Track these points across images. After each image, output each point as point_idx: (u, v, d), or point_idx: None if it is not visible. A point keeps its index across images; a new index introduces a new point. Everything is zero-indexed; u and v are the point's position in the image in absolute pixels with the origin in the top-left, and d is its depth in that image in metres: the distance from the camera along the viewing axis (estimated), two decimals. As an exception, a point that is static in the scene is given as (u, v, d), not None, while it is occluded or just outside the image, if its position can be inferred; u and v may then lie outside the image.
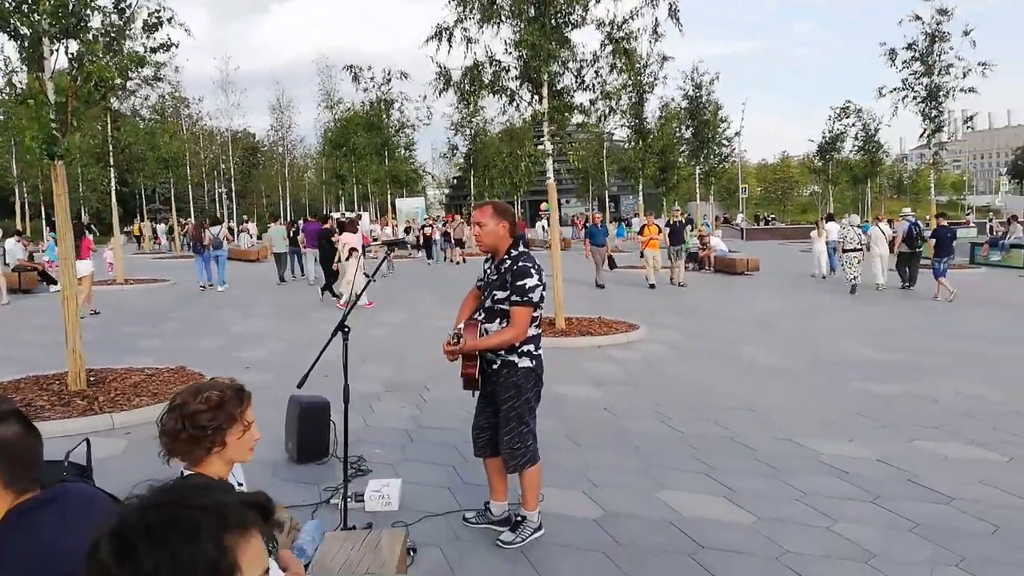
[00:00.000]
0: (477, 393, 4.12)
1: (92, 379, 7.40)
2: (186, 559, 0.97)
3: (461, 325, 3.86)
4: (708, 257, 22.85)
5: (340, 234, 15.28)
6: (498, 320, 3.93)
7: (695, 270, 22.48)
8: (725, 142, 32.21)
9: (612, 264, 18.79)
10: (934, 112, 21.10)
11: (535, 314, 3.94)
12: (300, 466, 5.32)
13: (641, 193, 27.33)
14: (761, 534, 4.18)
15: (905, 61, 20.94)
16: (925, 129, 21.54)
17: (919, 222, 17.16)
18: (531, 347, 3.98)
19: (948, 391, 7.49)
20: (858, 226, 17.59)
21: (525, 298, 3.84)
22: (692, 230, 23.22)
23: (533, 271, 3.87)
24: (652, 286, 17.40)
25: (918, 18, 20.39)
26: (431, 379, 8.02)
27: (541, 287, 3.89)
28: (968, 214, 63.58)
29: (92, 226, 31.59)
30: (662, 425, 6.40)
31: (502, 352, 3.93)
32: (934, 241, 15.47)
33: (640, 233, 18.92)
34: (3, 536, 1.55)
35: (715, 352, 9.81)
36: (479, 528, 4.26)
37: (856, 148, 33.81)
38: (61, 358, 8.55)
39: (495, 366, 3.96)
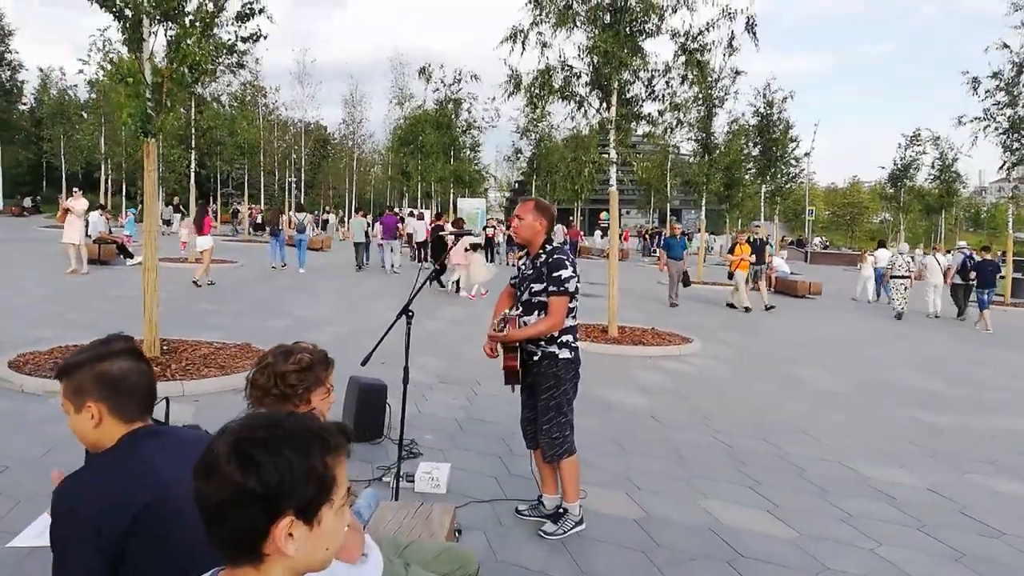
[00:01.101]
0: (518, 388, 4.25)
1: (165, 348, 7.80)
2: (301, 471, 1.14)
3: (507, 311, 4.01)
4: (769, 277, 22.50)
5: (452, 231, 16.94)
6: (536, 312, 4.06)
7: (754, 289, 22.18)
8: (793, 162, 31.61)
9: (687, 281, 17.28)
10: (1016, 144, 20.33)
11: (571, 305, 4.06)
12: (355, 444, 5.53)
13: (704, 208, 27.01)
14: (802, 549, 4.20)
15: (988, 90, 20.24)
16: (1005, 161, 20.78)
17: (974, 255, 17.17)
18: (569, 338, 4.11)
19: (1002, 426, 7.29)
20: (908, 255, 18.01)
21: (561, 288, 3.97)
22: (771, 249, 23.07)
23: (568, 263, 4.02)
24: (747, 309, 16.16)
25: (1006, 46, 19.70)
26: (483, 374, 8.19)
27: (576, 279, 4.03)
28: (1048, 252, 60.81)
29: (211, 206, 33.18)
30: (709, 437, 6.41)
31: (543, 343, 4.06)
32: (974, 273, 16.03)
33: (731, 252, 17.42)
34: (114, 456, 1.76)
35: (768, 371, 9.72)
36: (530, 520, 4.37)
37: (931, 177, 32.79)
38: (134, 328, 9.03)
39: (536, 357, 4.09)
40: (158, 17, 6.75)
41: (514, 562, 3.86)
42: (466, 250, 15.60)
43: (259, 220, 37.81)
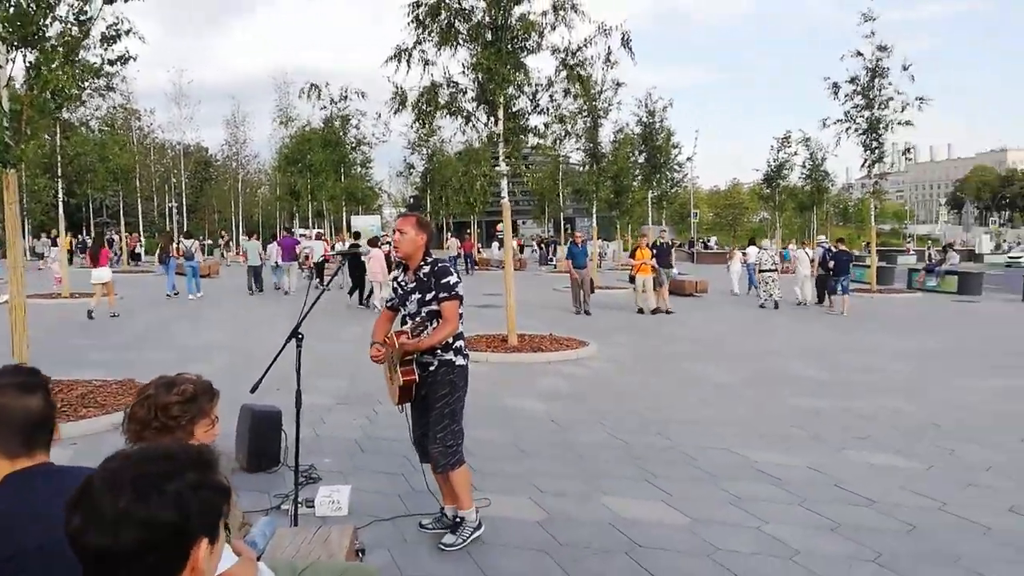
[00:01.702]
0: (408, 406, 4.27)
1: (38, 390, 7.30)
2: (208, 494, 1.15)
3: (408, 323, 4.05)
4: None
5: (370, 251, 16.89)
6: (428, 324, 4.09)
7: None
8: (677, 167, 33.04)
9: (592, 288, 17.34)
10: (874, 144, 22.05)
11: (461, 310, 4.16)
12: (251, 475, 5.38)
13: (595, 216, 27.78)
14: (695, 534, 4.41)
15: (847, 95, 21.88)
16: (866, 160, 22.49)
17: (831, 247, 18.93)
18: (461, 343, 4.23)
19: (875, 405, 7.90)
20: (774, 251, 20.05)
21: (452, 292, 4.08)
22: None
23: (452, 270, 4.18)
24: (653, 311, 16.55)
25: (860, 54, 21.38)
26: (383, 392, 8.08)
27: (460, 283, 4.17)
28: (909, 242, 66.11)
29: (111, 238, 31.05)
30: (607, 436, 6.62)
31: (439, 351, 4.11)
32: (832, 263, 17.78)
33: (632, 256, 17.57)
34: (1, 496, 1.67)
35: (660, 369, 10.13)
36: (434, 533, 4.38)
37: (803, 176, 35.01)
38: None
39: (432, 367, 4.13)
40: (15, 43, 6.36)
41: (421, 575, 3.87)
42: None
43: (136, 250, 36.01)
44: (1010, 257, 49.62)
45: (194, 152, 50.12)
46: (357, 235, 22.10)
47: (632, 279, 17.48)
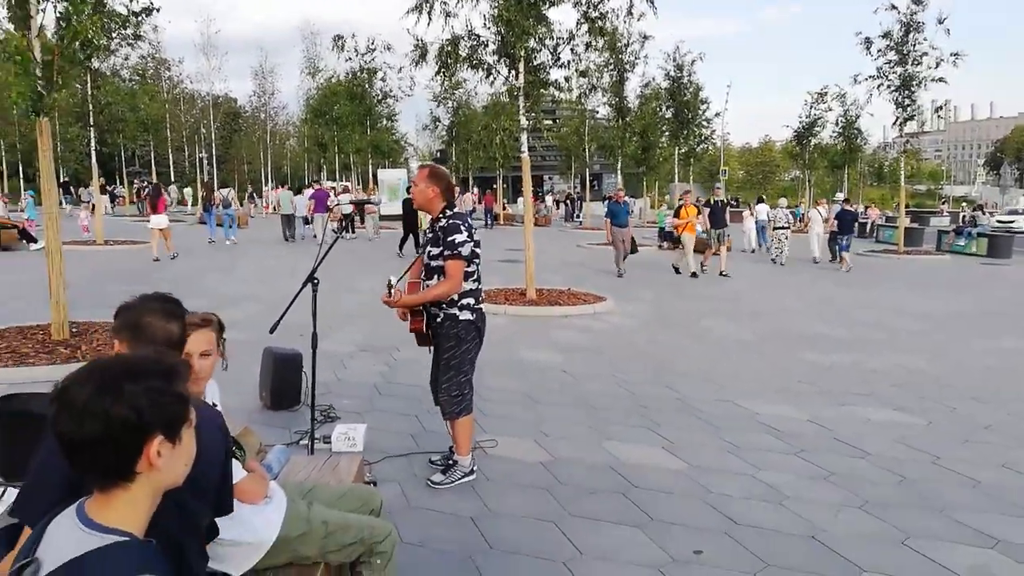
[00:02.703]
0: (433, 349, 4.49)
1: (75, 330, 7.68)
2: (167, 396, 1.38)
3: (392, 277, 4.20)
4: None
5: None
6: (435, 276, 4.26)
7: (670, 248, 23.10)
8: (705, 123, 32.60)
9: (634, 248, 16.30)
10: (907, 101, 21.56)
11: (468, 269, 4.24)
12: (274, 412, 5.69)
13: (621, 172, 27.67)
14: (691, 478, 4.62)
15: (880, 50, 21.33)
16: (898, 118, 22.02)
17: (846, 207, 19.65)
18: (470, 300, 4.30)
19: (883, 362, 7.99)
20: (787, 208, 20.32)
21: (455, 251, 4.15)
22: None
23: (463, 228, 4.18)
24: (693, 275, 15.69)
25: (894, 7, 20.77)
26: (403, 341, 8.33)
27: (471, 243, 4.20)
28: (943, 203, 64.63)
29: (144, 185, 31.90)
30: (616, 387, 6.82)
31: (444, 305, 4.27)
32: (836, 222, 18.57)
33: (676, 215, 16.50)
34: None
35: (675, 324, 10.26)
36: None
37: (835, 134, 34.31)
38: (40, 313, 8.83)
39: (439, 319, 4.32)
40: (44, -10, 6.55)
41: (427, 507, 4.14)
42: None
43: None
44: (998, 221, 41.94)
45: (223, 103, 50.35)
46: (409, 188, 22.85)
47: (677, 239, 16.91)
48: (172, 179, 40.76)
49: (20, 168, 40.77)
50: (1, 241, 17.67)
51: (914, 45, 20.91)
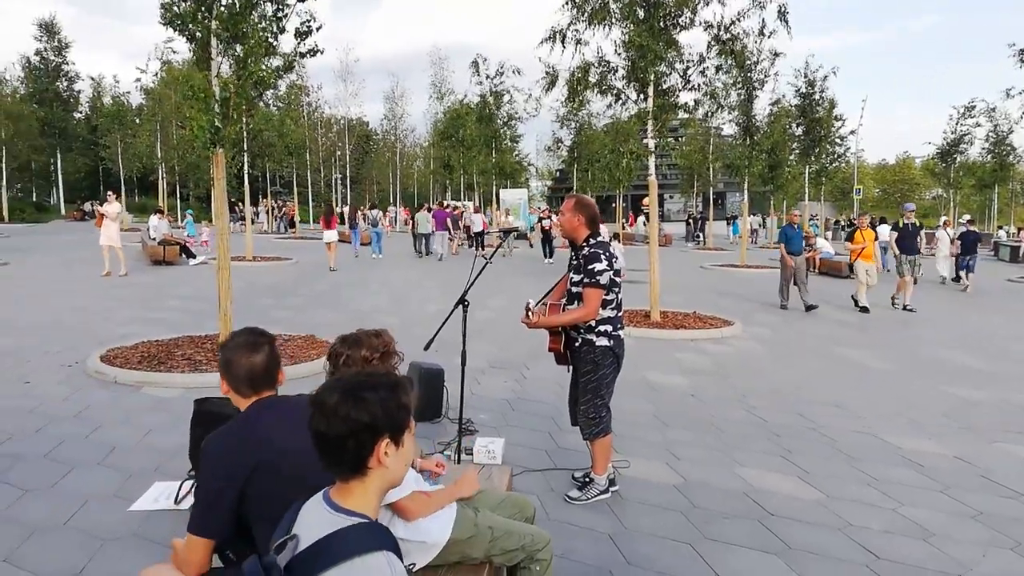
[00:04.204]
0: (571, 368, 4.71)
1: (237, 340, 8.46)
2: (394, 405, 1.67)
3: (531, 300, 4.44)
4: (814, 259, 22.54)
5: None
6: (575, 302, 4.46)
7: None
8: (839, 140, 31.26)
9: (809, 268, 14.61)
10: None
11: (607, 297, 4.39)
12: (417, 424, 6.08)
13: (747, 191, 26.95)
14: (828, 508, 4.59)
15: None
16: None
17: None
18: (608, 327, 4.45)
19: (1045, 401, 7.49)
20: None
21: (594, 279, 4.32)
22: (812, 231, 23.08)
23: (603, 257, 4.33)
24: (863, 309, 13.65)
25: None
26: (531, 359, 8.69)
27: (610, 272, 4.35)
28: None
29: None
30: (746, 413, 6.79)
31: (581, 330, 4.47)
32: (959, 242, 18.55)
33: (850, 239, 14.51)
34: (239, 419, 2.34)
35: (809, 350, 10.00)
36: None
37: (985, 151, 32.04)
38: (203, 322, 9.77)
39: (577, 344, 4.52)
40: (228, 39, 7.36)
41: (565, 520, 4.35)
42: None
43: (294, 219, 39.48)
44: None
45: (356, 126, 53.23)
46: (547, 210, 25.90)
47: (851, 267, 15.09)
48: (310, 199, 43.43)
49: (177, 188, 44.74)
50: (165, 257, 19.52)
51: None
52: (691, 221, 42.44)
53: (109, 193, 17.99)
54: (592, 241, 4.47)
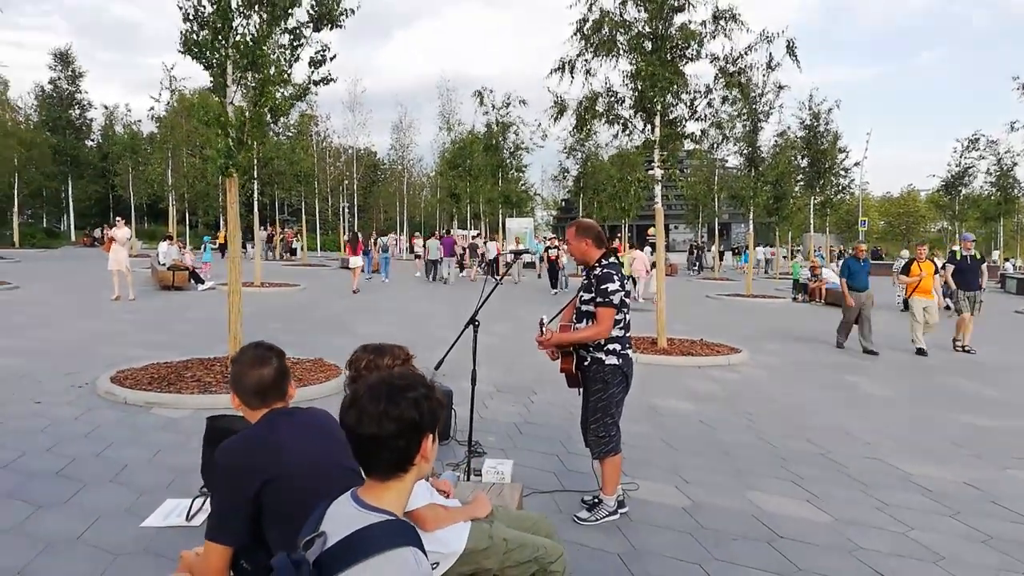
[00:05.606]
0: (582, 391, 4.74)
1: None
2: (436, 403, 1.72)
3: (544, 316, 4.50)
4: (820, 289, 22.60)
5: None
6: (584, 321, 4.54)
7: (804, 302, 22.51)
8: (843, 172, 31.50)
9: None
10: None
11: (617, 317, 4.47)
12: (425, 445, 6.10)
13: (752, 222, 27.09)
14: (838, 532, 4.58)
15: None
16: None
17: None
18: (617, 346, 4.52)
19: (1054, 429, 7.46)
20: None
21: (607, 299, 4.41)
22: (805, 261, 23.14)
23: (615, 278, 4.44)
24: (920, 351, 12.12)
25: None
26: (537, 383, 8.72)
27: (622, 292, 4.45)
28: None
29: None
30: (755, 438, 6.79)
31: (591, 349, 4.53)
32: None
33: (905, 272, 13.07)
34: (252, 429, 2.39)
35: (816, 378, 9.99)
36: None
37: (988, 183, 32.20)
38: (212, 345, 9.82)
39: (587, 362, 4.58)
40: (244, 67, 7.54)
41: (574, 541, 4.35)
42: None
43: (292, 244, 40.15)
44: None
45: (364, 156, 53.79)
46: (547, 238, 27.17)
47: (906, 303, 13.82)
48: (318, 226, 43.76)
49: (187, 216, 45.12)
50: (174, 282, 19.67)
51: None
52: (693, 250, 42.64)
53: (118, 218, 18.19)
54: (604, 262, 4.55)
